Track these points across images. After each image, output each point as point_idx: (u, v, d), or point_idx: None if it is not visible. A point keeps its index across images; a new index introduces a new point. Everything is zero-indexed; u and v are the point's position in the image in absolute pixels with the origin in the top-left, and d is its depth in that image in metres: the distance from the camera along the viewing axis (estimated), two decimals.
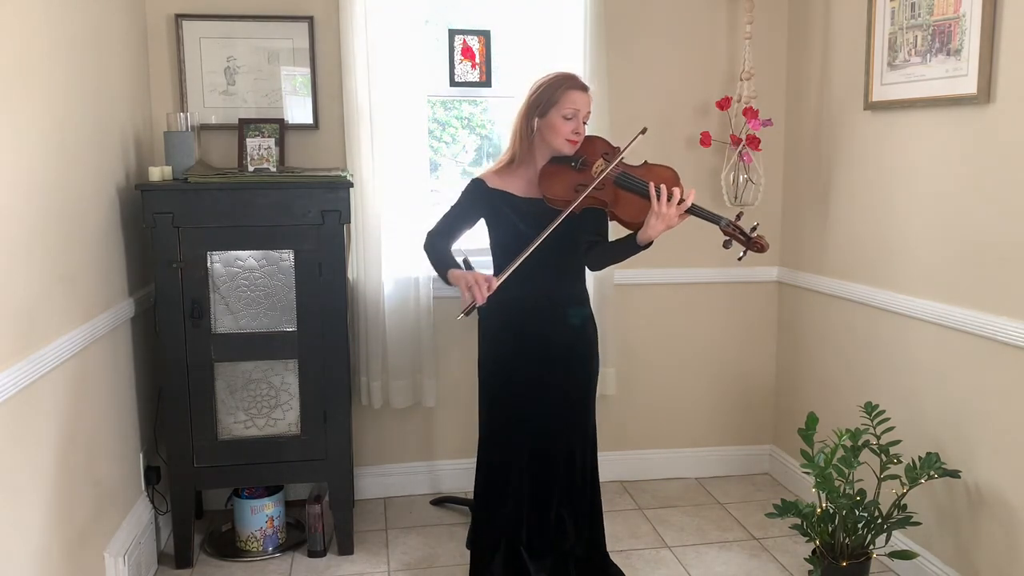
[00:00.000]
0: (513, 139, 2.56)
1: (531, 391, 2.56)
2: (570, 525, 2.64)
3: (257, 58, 3.26)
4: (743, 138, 3.42)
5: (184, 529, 2.97)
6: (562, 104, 2.45)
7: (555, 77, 2.51)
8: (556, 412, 2.59)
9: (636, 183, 2.46)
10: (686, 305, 3.69)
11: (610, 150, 2.53)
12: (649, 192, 2.40)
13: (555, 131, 2.47)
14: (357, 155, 3.25)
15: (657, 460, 3.77)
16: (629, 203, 2.46)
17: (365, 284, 3.31)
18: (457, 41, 3.43)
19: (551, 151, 2.52)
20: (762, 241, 2.40)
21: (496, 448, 2.63)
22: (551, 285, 2.55)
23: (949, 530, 2.69)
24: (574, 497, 2.64)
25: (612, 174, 2.47)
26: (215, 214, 2.84)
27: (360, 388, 3.41)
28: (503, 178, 2.56)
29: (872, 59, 2.92)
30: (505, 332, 2.59)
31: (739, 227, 2.42)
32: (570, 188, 2.46)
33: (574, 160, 2.51)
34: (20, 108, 2.06)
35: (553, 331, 2.56)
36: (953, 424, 2.65)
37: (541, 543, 2.64)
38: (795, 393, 3.64)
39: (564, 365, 2.58)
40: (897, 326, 2.90)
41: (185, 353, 2.88)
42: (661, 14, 3.49)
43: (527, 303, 2.54)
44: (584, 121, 2.51)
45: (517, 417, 2.58)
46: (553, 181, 2.49)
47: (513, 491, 2.61)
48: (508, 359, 2.59)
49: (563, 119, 2.46)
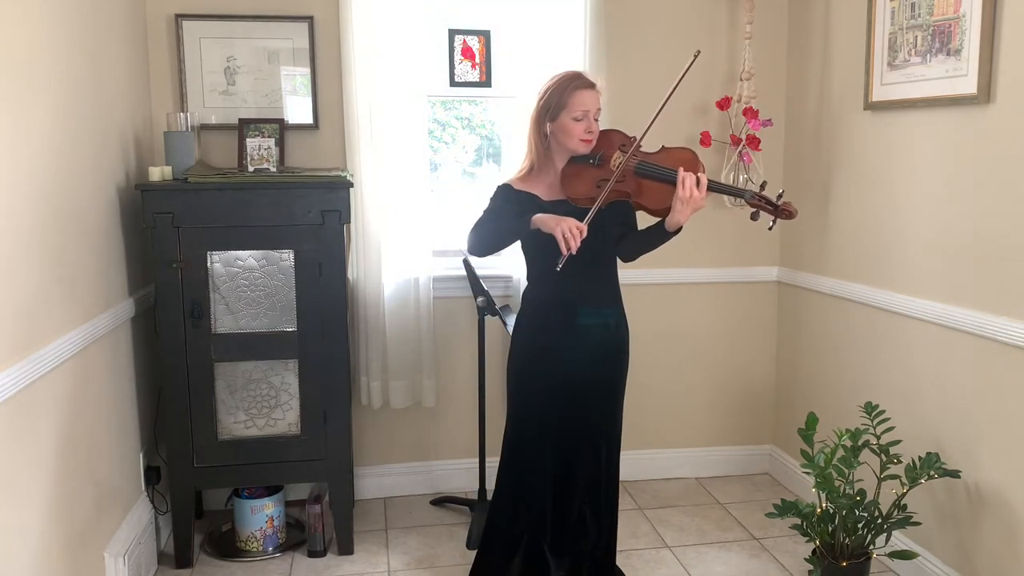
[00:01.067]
0: (529, 147, 2.54)
1: (562, 389, 2.55)
2: (592, 524, 2.63)
3: (257, 58, 3.26)
4: (743, 138, 3.43)
5: (184, 529, 2.97)
6: (571, 106, 2.44)
7: (561, 79, 2.49)
8: (585, 410, 2.58)
9: (656, 170, 2.45)
10: (686, 305, 3.69)
11: (627, 141, 2.51)
12: (668, 178, 2.40)
13: (568, 133, 2.46)
14: (357, 155, 3.25)
15: (657, 460, 3.77)
16: (652, 191, 2.45)
17: (365, 284, 3.31)
18: (457, 41, 3.43)
19: (568, 152, 2.51)
20: (790, 207, 2.40)
21: (525, 445, 2.61)
22: (585, 284, 2.53)
23: (949, 530, 2.69)
24: (597, 495, 2.64)
25: (630, 165, 2.46)
26: (215, 214, 2.84)
27: (360, 388, 3.41)
28: (527, 184, 2.55)
29: (872, 59, 2.92)
30: (539, 330, 2.58)
31: (765, 196, 2.42)
32: (592, 185, 2.46)
33: (592, 158, 2.49)
34: (20, 108, 2.06)
35: (587, 329, 2.55)
36: (953, 424, 2.65)
37: (562, 541, 2.63)
38: (795, 393, 3.64)
39: (596, 363, 2.57)
40: (897, 326, 2.90)
41: (185, 353, 2.88)
42: (661, 14, 3.50)
43: (562, 301, 2.53)
44: (595, 118, 2.49)
45: (546, 415, 2.57)
46: (575, 181, 2.49)
47: (539, 488, 2.60)
48: (541, 357, 2.57)
49: (574, 120, 2.44)
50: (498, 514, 2.67)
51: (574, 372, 2.54)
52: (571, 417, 2.57)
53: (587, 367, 2.55)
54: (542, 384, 2.57)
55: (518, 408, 2.63)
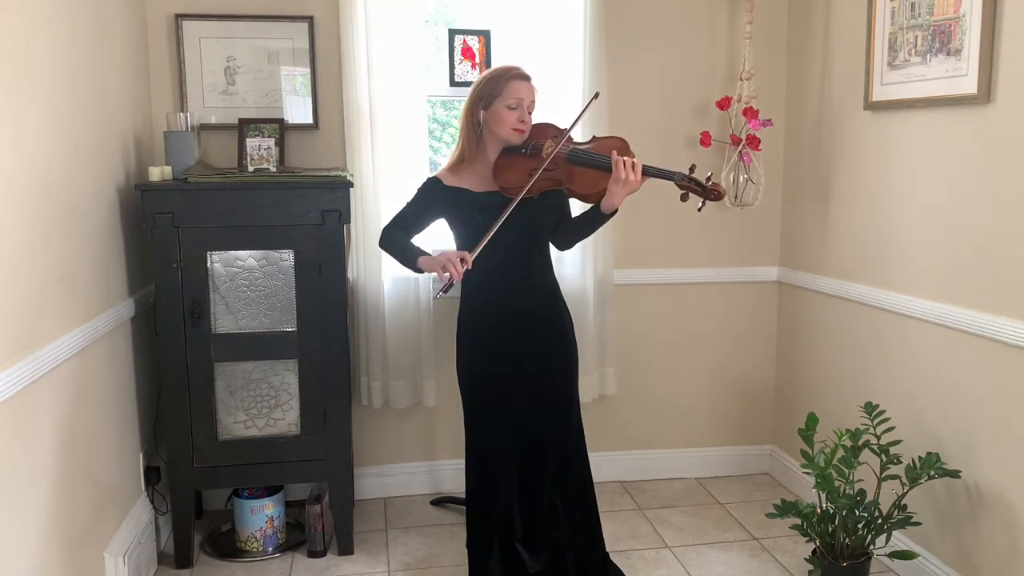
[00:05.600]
0: (461, 136, 2.60)
1: (511, 381, 2.57)
2: (563, 513, 2.62)
3: (257, 58, 3.26)
4: (743, 138, 3.42)
5: (184, 529, 2.97)
6: (505, 94, 2.49)
7: (496, 70, 2.56)
8: (538, 401, 2.59)
9: (588, 157, 2.49)
10: (686, 305, 3.69)
11: (559, 132, 2.57)
12: (600, 163, 2.45)
13: (501, 121, 2.51)
14: (357, 155, 3.25)
15: (657, 460, 3.77)
16: (584, 176, 2.49)
17: (365, 284, 3.31)
18: (457, 41, 3.43)
19: (500, 143, 2.56)
20: (719, 188, 2.43)
21: (483, 443, 2.63)
22: (520, 272, 2.57)
23: (949, 530, 2.69)
24: (565, 484, 2.63)
25: (563, 152, 2.50)
26: (215, 214, 2.84)
27: (360, 388, 3.41)
28: (458, 176, 2.59)
29: (872, 59, 2.92)
30: (479, 324, 2.60)
31: (694, 179, 2.45)
32: (524, 174, 2.50)
33: (524, 147, 2.55)
34: (20, 108, 2.06)
35: (527, 319, 2.57)
36: (953, 424, 2.65)
37: (535, 534, 2.63)
38: (795, 393, 3.64)
39: (541, 353, 2.59)
40: (897, 326, 2.90)
41: (185, 353, 2.88)
42: (661, 14, 3.49)
43: (497, 293, 2.56)
44: (529, 111, 2.54)
45: (500, 410, 2.59)
46: (507, 171, 2.53)
47: (503, 485, 2.61)
48: (484, 351, 2.60)
49: (508, 109, 2.50)
50: (471, 513, 2.69)
51: (520, 362, 2.56)
52: (525, 409, 2.58)
53: (532, 356, 2.57)
54: (490, 378, 2.59)
55: (471, 405, 2.65)
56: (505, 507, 2.61)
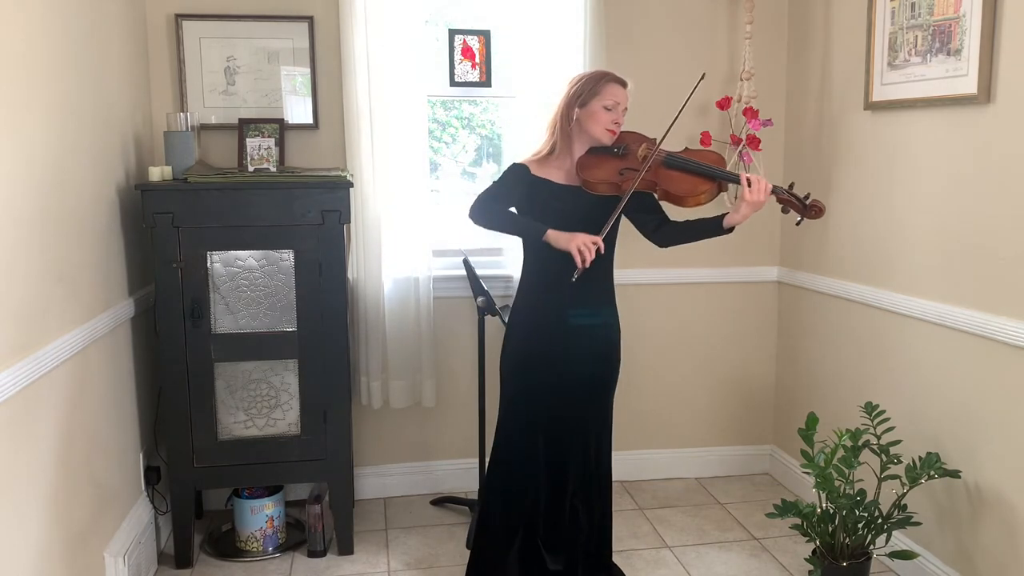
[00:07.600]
0: (552, 130, 2.61)
1: (555, 388, 2.58)
2: (584, 517, 2.64)
3: (257, 58, 3.26)
4: (743, 138, 3.43)
5: (184, 529, 2.97)
6: (604, 95, 2.53)
7: (597, 71, 2.63)
8: (577, 409, 2.60)
9: (686, 162, 2.54)
10: (686, 305, 3.69)
11: (648, 140, 2.61)
12: (702, 170, 2.51)
13: (596, 120, 2.54)
14: (357, 155, 3.25)
15: (657, 460, 3.77)
16: (677, 180, 2.53)
17: (365, 284, 3.31)
18: (457, 41, 3.43)
19: (590, 141, 2.58)
20: (819, 204, 2.46)
21: (517, 442, 2.62)
22: (581, 285, 2.51)
23: (949, 530, 2.69)
24: (589, 489, 2.65)
25: (660, 156, 2.55)
26: (215, 214, 2.84)
27: (360, 388, 3.41)
28: (542, 168, 2.60)
29: (872, 59, 2.92)
30: (534, 330, 2.60)
31: (794, 194, 2.48)
32: (613, 172, 2.53)
33: (615, 148, 2.58)
34: (20, 108, 2.06)
35: (581, 329, 2.58)
36: (953, 424, 2.65)
37: (555, 536, 2.64)
38: (795, 393, 3.64)
39: (589, 363, 2.59)
40: (897, 326, 2.90)
41: (185, 353, 2.88)
42: (661, 14, 3.49)
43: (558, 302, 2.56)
44: (623, 115, 2.58)
45: (539, 413, 2.59)
46: (595, 168, 2.55)
47: (532, 484, 2.62)
48: (535, 357, 2.60)
49: (604, 109, 2.53)
50: (490, 510, 2.68)
51: (567, 372, 2.57)
52: (563, 416, 2.59)
53: (580, 367, 2.58)
54: (535, 384, 2.59)
55: (510, 406, 2.64)
56: (532, 501, 2.63)
